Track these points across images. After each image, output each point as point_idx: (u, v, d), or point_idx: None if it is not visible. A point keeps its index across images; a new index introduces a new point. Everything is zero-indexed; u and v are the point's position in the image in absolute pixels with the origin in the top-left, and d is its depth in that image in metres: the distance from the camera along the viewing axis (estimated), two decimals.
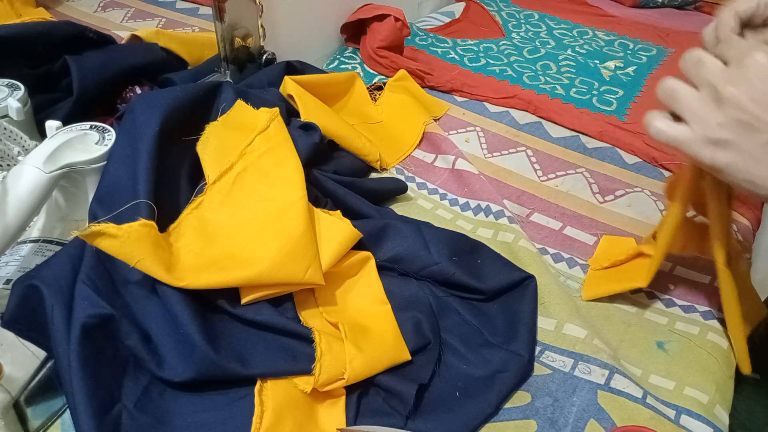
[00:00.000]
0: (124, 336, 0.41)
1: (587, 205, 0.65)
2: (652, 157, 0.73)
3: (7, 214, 0.41)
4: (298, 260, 0.44)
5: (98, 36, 0.65)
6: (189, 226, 0.46)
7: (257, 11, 0.73)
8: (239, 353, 0.42)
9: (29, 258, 0.47)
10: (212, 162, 0.50)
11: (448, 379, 0.45)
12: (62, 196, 0.50)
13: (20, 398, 0.40)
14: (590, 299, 0.54)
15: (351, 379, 0.41)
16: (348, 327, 0.44)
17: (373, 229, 0.52)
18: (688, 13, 1.24)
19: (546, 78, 0.90)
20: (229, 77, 0.73)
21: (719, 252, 0.47)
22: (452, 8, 1.16)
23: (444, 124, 0.78)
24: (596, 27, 1.11)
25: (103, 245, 0.40)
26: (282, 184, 0.49)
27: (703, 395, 0.45)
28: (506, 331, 0.48)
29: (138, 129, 0.47)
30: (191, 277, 0.42)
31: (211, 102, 0.55)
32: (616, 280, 0.54)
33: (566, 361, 0.47)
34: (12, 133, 0.52)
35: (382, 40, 0.88)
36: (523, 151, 0.74)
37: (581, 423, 0.43)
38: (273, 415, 0.40)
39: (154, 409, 0.40)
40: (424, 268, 0.51)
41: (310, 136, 0.59)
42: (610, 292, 0.53)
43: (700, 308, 0.53)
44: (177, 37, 0.73)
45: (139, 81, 0.66)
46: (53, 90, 0.61)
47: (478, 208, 0.63)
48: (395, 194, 0.64)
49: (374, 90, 0.81)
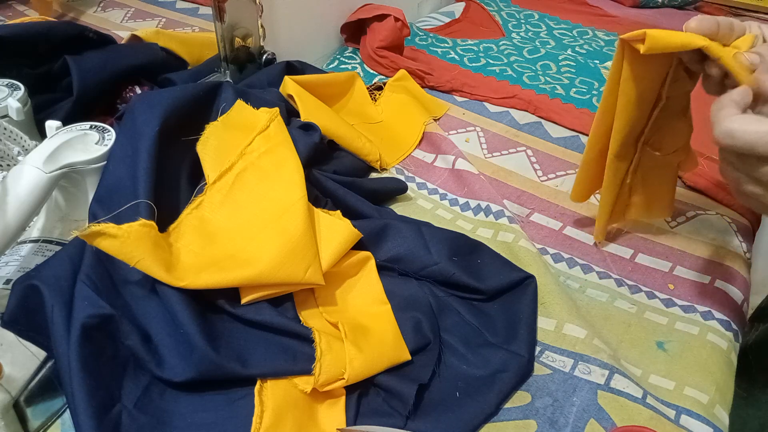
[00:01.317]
0: (124, 336, 0.41)
1: (587, 205, 0.65)
2: None
3: (7, 214, 0.41)
4: (298, 260, 0.44)
5: (98, 36, 0.65)
6: (189, 226, 0.46)
7: (257, 11, 0.73)
8: (239, 353, 0.42)
9: (29, 258, 0.47)
10: (212, 162, 0.50)
11: (448, 379, 0.45)
12: (62, 196, 0.50)
13: (20, 398, 0.40)
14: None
15: (351, 379, 0.41)
16: (348, 327, 0.44)
17: (373, 229, 0.52)
18: (688, 13, 1.24)
19: (546, 78, 0.90)
20: (229, 77, 0.73)
21: (614, 144, 0.50)
22: (452, 8, 1.16)
23: (444, 124, 0.78)
24: (596, 27, 1.11)
25: (103, 245, 0.40)
26: (282, 184, 0.49)
27: (703, 395, 0.45)
28: (506, 331, 0.48)
29: (138, 129, 0.47)
30: (191, 277, 0.42)
31: (211, 102, 0.55)
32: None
33: (566, 361, 0.47)
34: (12, 133, 0.52)
35: (382, 40, 0.88)
36: (523, 151, 0.74)
37: (581, 423, 0.43)
38: (273, 415, 0.40)
39: (154, 409, 0.40)
40: (424, 268, 0.51)
41: (310, 136, 0.59)
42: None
43: (700, 308, 0.53)
44: (177, 37, 0.73)
45: (139, 81, 0.66)
46: (53, 90, 0.61)
47: (478, 208, 0.63)
48: (395, 194, 0.64)
49: (374, 90, 0.81)
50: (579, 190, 0.58)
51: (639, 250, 0.59)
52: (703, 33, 0.41)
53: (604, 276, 0.56)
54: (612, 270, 0.57)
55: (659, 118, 0.50)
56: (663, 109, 0.50)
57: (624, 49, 0.45)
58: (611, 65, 0.47)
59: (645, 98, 0.48)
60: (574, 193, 0.59)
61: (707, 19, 0.41)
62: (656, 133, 0.52)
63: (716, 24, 0.41)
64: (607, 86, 0.49)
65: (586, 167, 0.56)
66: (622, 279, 0.56)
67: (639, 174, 0.55)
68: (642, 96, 0.47)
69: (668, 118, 0.51)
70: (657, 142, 0.53)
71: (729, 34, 0.42)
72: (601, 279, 0.56)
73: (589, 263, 0.58)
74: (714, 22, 0.41)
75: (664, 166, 0.55)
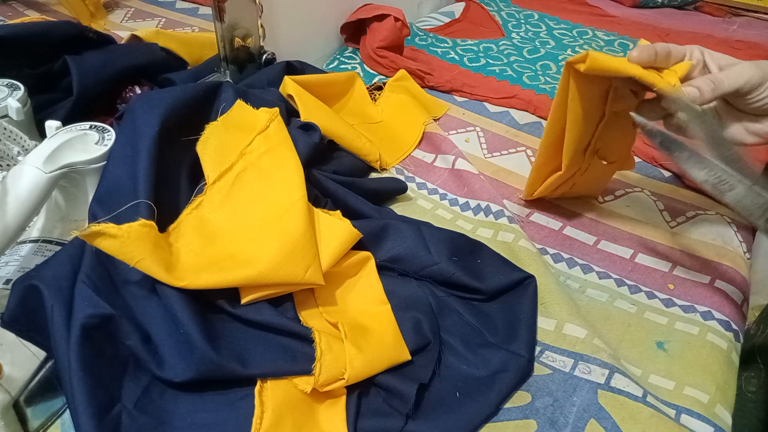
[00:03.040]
0: (124, 336, 0.41)
1: (587, 205, 0.65)
2: (652, 157, 0.73)
3: (6, 214, 0.41)
4: (298, 260, 0.44)
5: (98, 36, 0.65)
6: (189, 226, 0.46)
7: (257, 11, 0.73)
8: (239, 353, 0.42)
9: (29, 258, 0.47)
10: (212, 162, 0.50)
11: (448, 379, 0.45)
12: (62, 196, 0.50)
13: (20, 398, 0.40)
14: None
15: (351, 379, 0.41)
16: (348, 327, 0.44)
17: (373, 229, 0.52)
18: (687, 13, 1.25)
19: (546, 78, 0.90)
20: (229, 77, 0.73)
21: (566, 156, 0.55)
22: (452, 8, 1.16)
23: (444, 124, 0.78)
24: (596, 27, 1.11)
25: (103, 245, 0.40)
26: (282, 184, 0.49)
27: (703, 395, 0.45)
28: (506, 331, 0.48)
29: (138, 129, 0.47)
30: (191, 277, 0.42)
31: (211, 102, 0.55)
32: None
33: (566, 361, 0.47)
34: (12, 133, 0.52)
35: (381, 40, 0.88)
36: (523, 151, 0.74)
37: (581, 423, 0.43)
38: (273, 415, 0.40)
39: (154, 409, 0.40)
40: (424, 268, 0.51)
41: (310, 136, 0.59)
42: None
43: (700, 308, 0.53)
44: (177, 37, 0.73)
45: (139, 81, 0.66)
46: (53, 90, 0.61)
47: (478, 208, 0.63)
48: (395, 194, 0.64)
49: (374, 90, 0.81)
50: (530, 190, 0.63)
51: (639, 250, 0.59)
52: (642, 62, 0.47)
53: (604, 276, 0.56)
54: (612, 270, 0.57)
55: (606, 132, 0.54)
56: (609, 124, 0.54)
57: (569, 71, 0.50)
58: (558, 85, 0.52)
59: (590, 114, 0.52)
60: (527, 191, 0.64)
61: (646, 49, 0.47)
62: (604, 145, 0.56)
63: (654, 53, 0.47)
64: (555, 102, 0.53)
65: (536, 172, 0.60)
66: (622, 279, 0.56)
67: (582, 176, 0.60)
68: (587, 112, 0.52)
69: (616, 131, 0.55)
70: (603, 151, 0.57)
71: (666, 60, 0.48)
72: (601, 279, 0.56)
73: (589, 263, 0.58)
74: (652, 51, 0.47)
75: (604, 171, 0.61)
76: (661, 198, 0.66)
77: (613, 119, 0.53)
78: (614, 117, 0.53)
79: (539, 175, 0.60)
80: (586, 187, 0.64)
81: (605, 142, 0.56)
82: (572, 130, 0.53)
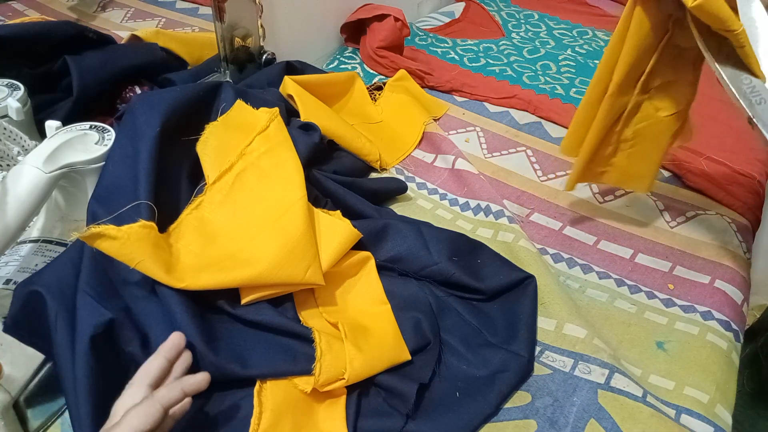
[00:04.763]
0: (125, 342, 0.41)
1: (587, 205, 0.65)
2: None
3: (7, 214, 0.41)
4: (298, 260, 0.44)
5: (98, 36, 0.65)
6: (189, 226, 0.46)
7: (257, 11, 0.73)
8: (239, 354, 0.42)
9: (29, 258, 0.47)
10: (212, 162, 0.50)
11: (448, 379, 0.45)
12: (62, 196, 0.50)
13: (20, 398, 0.40)
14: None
15: (351, 379, 0.41)
16: (348, 327, 0.44)
17: (373, 229, 0.52)
18: None
19: (546, 78, 0.90)
20: (229, 77, 0.73)
21: (618, 74, 0.52)
22: (452, 8, 1.16)
23: (444, 124, 0.78)
24: (596, 27, 1.11)
25: (103, 247, 0.40)
26: (282, 184, 0.49)
27: (703, 395, 0.45)
28: (506, 331, 0.48)
29: (138, 129, 0.47)
30: (191, 277, 0.42)
31: (211, 102, 0.55)
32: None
33: (566, 361, 0.47)
34: (12, 133, 0.52)
35: (381, 40, 0.88)
36: (523, 151, 0.74)
37: (581, 423, 0.43)
38: (272, 416, 0.40)
39: None
40: (424, 268, 0.51)
41: (310, 136, 0.59)
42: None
43: (700, 308, 0.53)
44: (177, 37, 0.73)
45: (139, 81, 0.66)
46: (53, 90, 0.61)
47: (478, 208, 0.63)
48: (395, 194, 0.64)
49: (374, 90, 0.81)
50: (571, 139, 0.59)
51: (639, 250, 0.59)
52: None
53: (604, 276, 0.56)
54: (612, 270, 0.57)
55: (660, 67, 0.51)
56: (663, 59, 0.51)
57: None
58: (621, 17, 0.50)
59: (647, 43, 0.50)
60: (565, 142, 0.60)
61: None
62: (658, 87, 0.53)
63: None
64: (613, 38, 0.51)
65: (584, 109, 0.56)
66: (622, 279, 0.56)
67: (631, 128, 0.55)
68: (644, 40, 0.49)
69: (671, 73, 0.52)
70: (659, 97, 0.53)
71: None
72: (601, 279, 0.56)
73: (589, 263, 0.58)
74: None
75: (657, 132, 0.55)
76: (661, 198, 0.66)
77: (669, 55, 0.51)
78: (671, 52, 0.51)
79: (585, 117, 0.56)
80: (632, 164, 0.58)
81: (660, 84, 0.53)
82: (628, 53, 0.50)
